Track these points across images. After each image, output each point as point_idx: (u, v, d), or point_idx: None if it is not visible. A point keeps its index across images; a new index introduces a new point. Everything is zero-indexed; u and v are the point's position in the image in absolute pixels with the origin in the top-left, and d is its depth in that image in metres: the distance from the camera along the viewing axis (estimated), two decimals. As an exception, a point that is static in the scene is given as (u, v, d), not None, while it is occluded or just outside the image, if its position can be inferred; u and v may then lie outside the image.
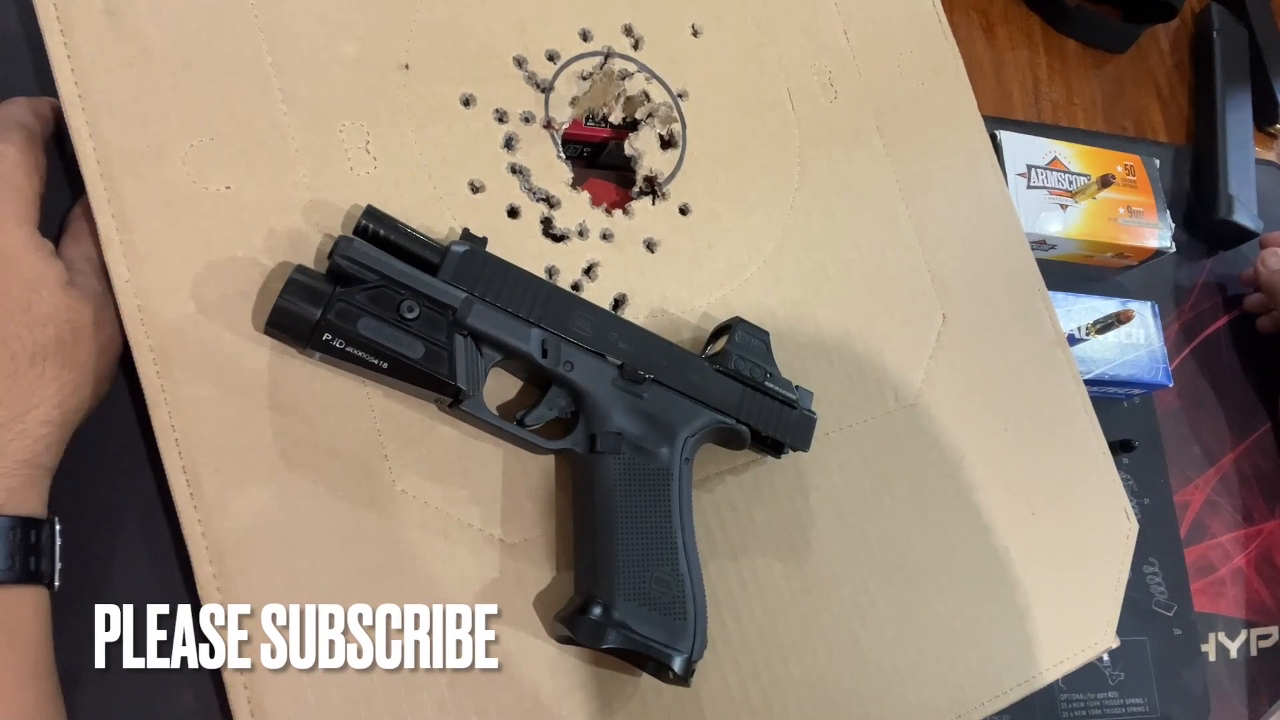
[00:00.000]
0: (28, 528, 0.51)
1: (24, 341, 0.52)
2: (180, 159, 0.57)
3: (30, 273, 0.53)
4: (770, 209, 0.75)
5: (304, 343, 0.55)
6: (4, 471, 0.51)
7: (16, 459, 0.52)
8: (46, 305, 0.53)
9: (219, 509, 0.55)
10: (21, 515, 0.51)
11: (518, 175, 0.66)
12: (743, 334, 0.66)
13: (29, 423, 0.52)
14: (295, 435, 0.57)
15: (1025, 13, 1.15)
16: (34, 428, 0.52)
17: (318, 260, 0.59)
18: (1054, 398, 0.83)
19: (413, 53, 0.65)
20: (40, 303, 0.53)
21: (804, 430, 0.67)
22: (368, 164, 0.62)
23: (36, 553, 0.52)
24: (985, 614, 0.74)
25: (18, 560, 0.50)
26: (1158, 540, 0.94)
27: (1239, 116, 1.15)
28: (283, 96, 0.60)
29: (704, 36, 0.76)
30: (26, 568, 0.51)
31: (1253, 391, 1.06)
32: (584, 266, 0.67)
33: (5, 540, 0.50)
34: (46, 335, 0.53)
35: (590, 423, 0.61)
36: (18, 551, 0.51)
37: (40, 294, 0.53)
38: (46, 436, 0.53)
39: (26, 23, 0.58)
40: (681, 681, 0.59)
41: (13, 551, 0.50)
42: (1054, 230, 0.95)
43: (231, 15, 0.60)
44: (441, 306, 0.57)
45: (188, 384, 0.55)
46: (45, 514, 0.53)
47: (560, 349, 0.60)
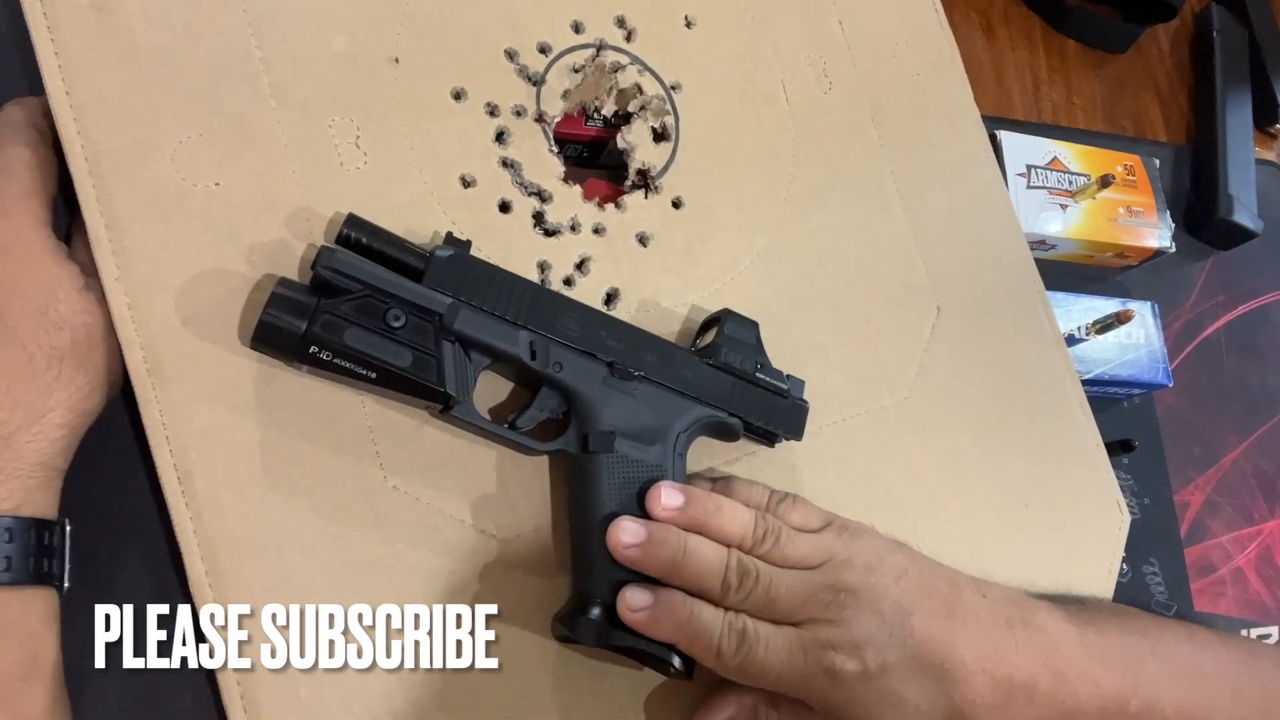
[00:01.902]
0: (41, 529, 0.52)
1: (41, 344, 0.52)
2: (169, 156, 0.57)
3: (48, 275, 0.54)
4: (764, 202, 0.74)
5: (291, 356, 0.55)
6: (20, 473, 0.51)
7: (33, 461, 0.52)
8: (63, 308, 0.53)
9: (211, 507, 0.55)
10: (36, 517, 0.52)
11: (509, 169, 0.66)
12: (732, 325, 0.66)
13: (45, 425, 0.52)
14: (287, 432, 0.57)
15: (1025, 13, 1.15)
16: (50, 430, 0.52)
17: (303, 267, 0.59)
18: (1048, 390, 0.82)
19: (403, 46, 0.64)
20: (58, 305, 0.53)
21: (796, 419, 0.66)
22: (358, 159, 0.62)
23: (49, 554, 0.52)
24: (981, 609, 0.73)
25: (31, 562, 0.51)
26: (1158, 540, 0.94)
27: (1239, 116, 1.14)
28: (272, 92, 0.60)
29: (697, 28, 0.76)
30: (40, 569, 0.51)
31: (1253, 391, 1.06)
32: (576, 261, 0.67)
33: (20, 542, 0.50)
34: (63, 338, 0.53)
35: (582, 423, 0.61)
36: (31, 553, 0.51)
37: (57, 296, 0.53)
38: (62, 439, 0.53)
39: (14, 20, 0.58)
40: (683, 676, 0.59)
41: (27, 553, 0.51)
42: (1054, 230, 0.95)
43: (219, 11, 0.60)
44: (428, 313, 0.57)
45: (178, 382, 0.55)
46: (56, 516, 0.53)
47: (549, 350, 0.60)
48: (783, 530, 0.60)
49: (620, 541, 0.56)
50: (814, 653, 0.56)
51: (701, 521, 0.58)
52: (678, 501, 0.58)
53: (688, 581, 0.57)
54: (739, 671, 0.56)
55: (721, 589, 0.56)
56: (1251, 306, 1.09)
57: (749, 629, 0.56)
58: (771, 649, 0.56)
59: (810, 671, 0.56)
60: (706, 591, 0.57)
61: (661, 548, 0.56)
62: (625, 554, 0.56)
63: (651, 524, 0.57)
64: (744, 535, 0.59)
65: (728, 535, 0.58)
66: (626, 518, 0.57)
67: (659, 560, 0.56)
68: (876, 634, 0.57)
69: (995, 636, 0.61)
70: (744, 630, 0.56)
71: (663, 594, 0.56)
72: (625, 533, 0.56)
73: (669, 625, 0.56)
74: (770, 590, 0.57)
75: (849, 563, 0.59)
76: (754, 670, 0.56)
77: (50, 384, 0.52)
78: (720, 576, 0.56)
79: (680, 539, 0.57)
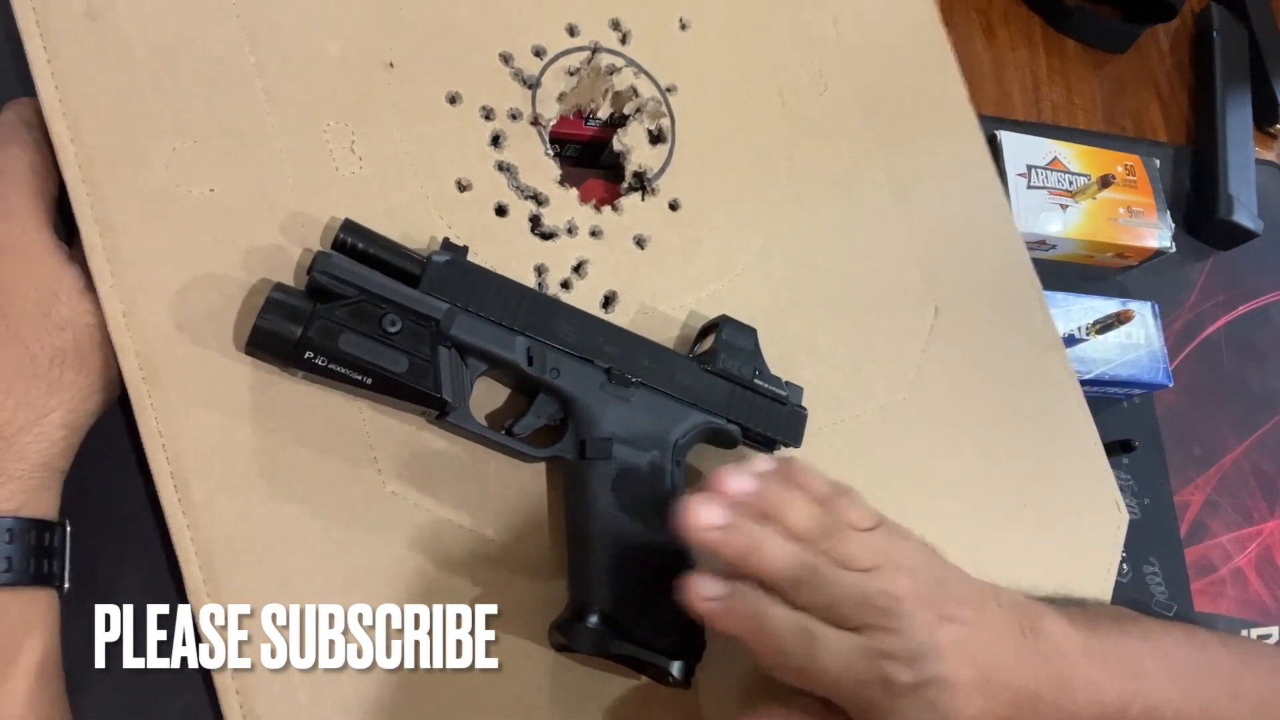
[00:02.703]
0: (42, 530, 0.52)
1: (43, 345, 0.53)
2: (163, 162, 0.57)
3: (51, 276, 0.54)
4: (760, 203, 0.74)
5: (286, 361, 0.55)
6: (22, 474, 0.51)
7: (34, 462, 0.52)
8: (65, 309, 0.54)
9: (207, 512, 0.55)
10: (37, 518, 0.52)
11: (505, 173, 0.66)
12: (730, 331, 0.65)
13: (46, 426, 0.52)
14: (283, 437, 0.57)
15: (1025, 13, 1.15)
16: (51, 430, 0.52)
17: (298, 272, 0.59)
18: (1046, 389, 0.82)
19: (397, 50, 0.64)
20: (60, 306, 0.53)
21: (795, 426, 0.66)
22: (353, 164, 0.61)
23: (49, 555, 0.52)
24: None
25: (32, 563, 0.51)
26: (1158, 540, 0.93)
27: (1239, 116, 1.14)
28: (266, 97, 0.60)
29: (692, 30, 0.76)
30: (40, 570, 0.51)
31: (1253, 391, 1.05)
32: (573, 264, 0.66)
33: (21, 542, 0.50)
34: (64, 339, 0.53)
35: (579, 429, 0.60)
36: (32, 554, 0.51)
37: (60, 298, 0.54)
38: (62, 440, 0.53)
39: (6, 26, 0.58)
40: (681, 684, 0.58)
41: (27, 554, 0.51)
42: (1054, 230, 0.95)
43: (213, 16, 0.60)
44: (424, 319, 0.57)
45: (173, 388, 0.55)
46: (57, 516, 0.53)
47: (546, 356, 0.60)
48: (844, 529, 0.56)
49: (700, 522, 0.52)
50: (873, 661, 0.53)
51: (770, 511, 0.54)
52: (750, 486, 0.54)
53: (759, 574, 0.53)
54: (797, 673, 0.54)
55: (792, 586, 0.53)
56: (1251, 306, 1.09)
57: (817, 631, 0.53)
58: (834, 653, 0.53)
59: (866, 679, 0.53)
60: (775, 586, 0.53)
61: (738, 535, 0.53)
62: (705, 536, 0.52)
63: (730, 507, 0.53)
64: (810, 529, 0.55)
65: (795, 529, 0.54)
66: (703, 496, 0.53)
67: (734, 548, 0.53)
68: (928, 645, 0.55)
69: (1012, 646, 0.60)
70: (812, 633, 0.53)
71: (738, 586, 0.53)
72: (706, 513, 0.52)
73: (741, 618, 0.53)
74: (834, 591, 0.54)
75: (899, 567, 0.56)
76: (813, 673, 0.53)
77: (52, 385, 0.52)
78: (793, 573, 0.53)
79: (753, 528, 0.53)
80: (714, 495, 0.53)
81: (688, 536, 0.52)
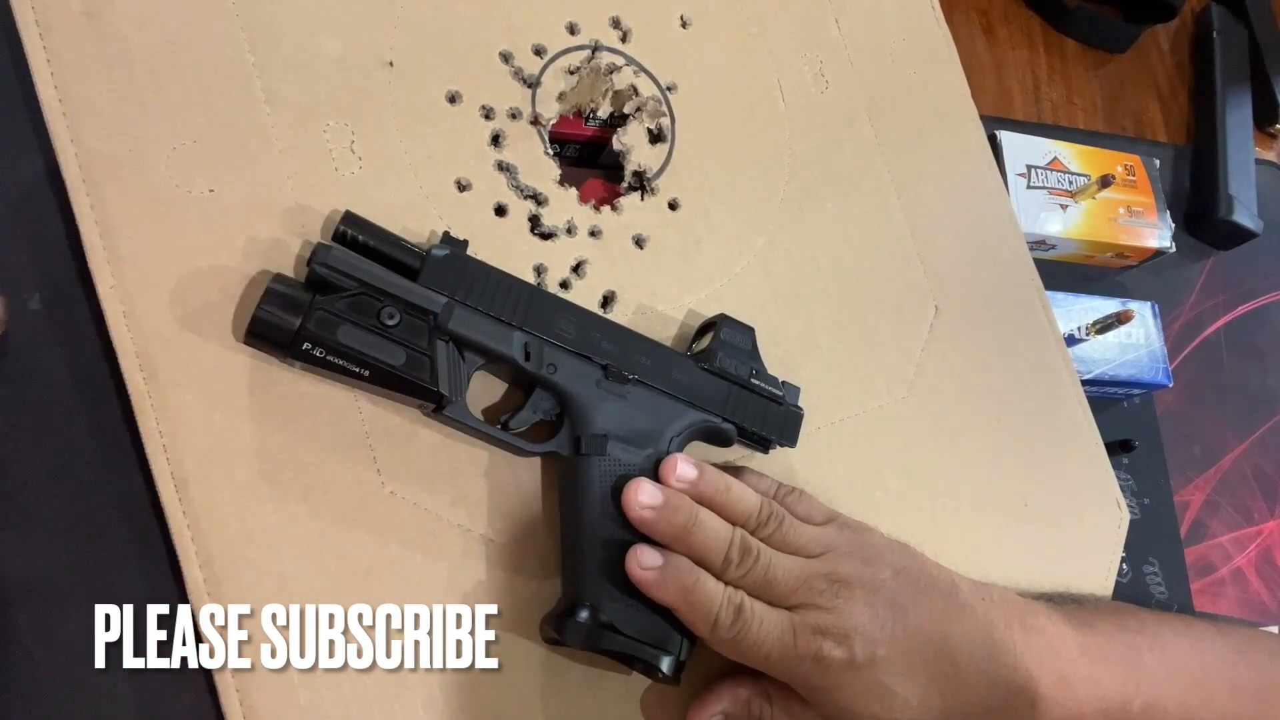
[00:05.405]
0: None
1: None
2: (163, 163, 0.57)
3: None
4: (760, 202, 0.74)
5: (284, 352, 0.55)
6: None
7: None
8: None
9: (207, 514, 0.55)
10: None
11: (505, 172, 0.66)
12: (728, 330, 0.65)
13: None
14: (282, 439, 0.57)
15: (1025, 13, 1.15)
16: None
17: (298, 267, 0.59)
18: (1047, 388, 0.82)
19: (397, 50, 0.64)
20: None
21: (791, 426, 0.66)
22: (353, 164, 0.62)
23: None
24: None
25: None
26: (1158, 540, 0.93)
27: (1239, 116, 1.14)
28: (265, 97, 0.60)
29: (693, 28, 0.75)
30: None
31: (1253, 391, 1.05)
32: (572, 264, 0.66)
33: None
34: None
35: (575, 425, 0.61)
36: None
37: None
38: None
39: (5, 27, 0.58)
40: (670, 681, 0.59)
41: None
42: (1054, 230, 0.95)
43: (212, 15, 0.60)
44: (422, 312, 0.57)
45: (174, 389, 0.55)
46: None
47: (543, 351, 0.60)
48: (786, 517, 0.61)
49: (638, 501, 0.57)
50: (804, 636, 0.57)
51: (710, 497, 0.59)
52: (692, 475, 0.60)
53: (693, 551, 0.58)
54: (731, 646, 0.57)
55: (724, 563, 0.57)
56: (1251, 306, 1.09)
57: (746, 605, 0.57)
58: (765, 627, 0.56)
59: (799, 654, 0.57)
60: (709, 564, 0.58)
61: (675, 514, 0.57)
62: (640, 514, 0.57)
63: (668, 490, 0.58)
64: (749, 515, 0.60)
65: (734, 514, 0.60)
66: (646, 480, 0.58)
67: (671, 526, 0.57)
68: (867, 626, 0.58)
69: (993, 638, 0.62)
70: (741, 605, 0.57)
71: (672, 557, 0.57)
72: (644, 493, 0.57)
73: (674, 589, 0.56)
74: (769, 571, 0.58)
75: (848, 555, 0.60)
76: (746, 646, 0.57)
77: None
78: (725, 551, 0.57)
79: (692, 508, 0.58)
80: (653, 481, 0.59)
81: (629, 514, 0.57)
